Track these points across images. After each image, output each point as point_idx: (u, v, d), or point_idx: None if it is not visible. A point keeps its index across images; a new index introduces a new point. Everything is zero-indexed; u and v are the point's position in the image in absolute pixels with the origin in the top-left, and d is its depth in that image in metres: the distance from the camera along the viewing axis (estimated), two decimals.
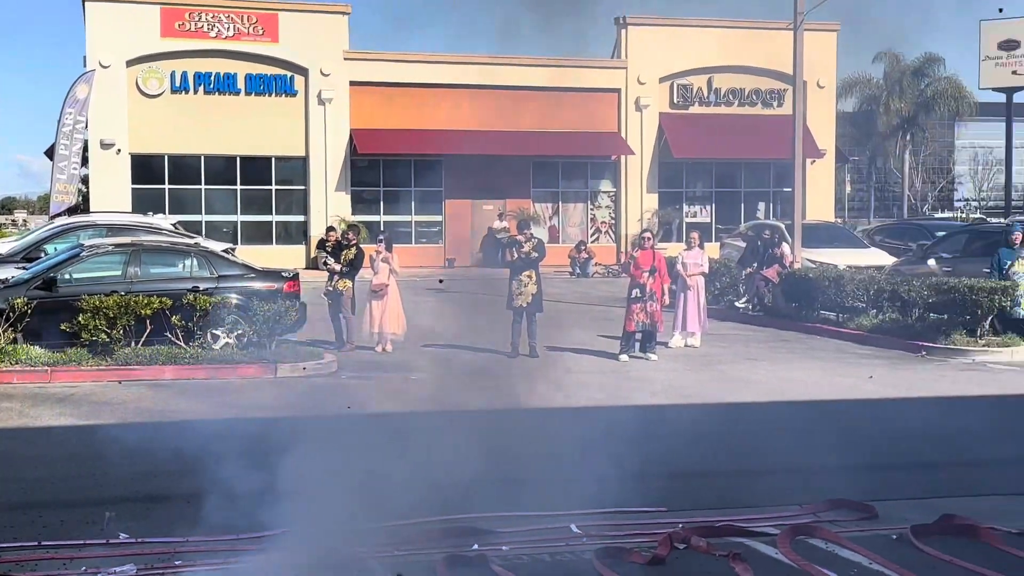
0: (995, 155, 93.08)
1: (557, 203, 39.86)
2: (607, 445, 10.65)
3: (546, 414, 12.38)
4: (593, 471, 9.48)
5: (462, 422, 11.81)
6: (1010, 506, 8.65)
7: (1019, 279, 17.97)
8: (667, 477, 9.35)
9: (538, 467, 9.59)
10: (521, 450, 10.36)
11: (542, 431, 11.50)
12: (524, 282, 16.33)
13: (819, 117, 39.19)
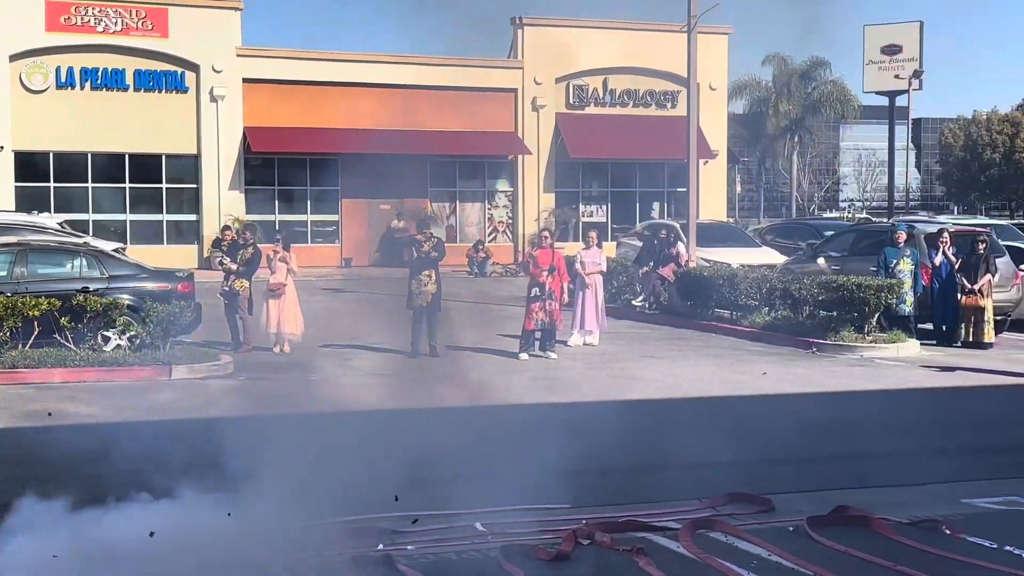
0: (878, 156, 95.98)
1: (455, 202, 39.86)
2: (510, 443, 10.68)
3: (448, 413, 12.37)
4: (496, 469, 9.51)
5: (363, 422, 11.75)
6: (900, 496, 8.93)
7: (904, 277, 18.55)
8: (569, 474, 9.40)
9: (441, 466, 9.58)
10: (424, 449, 10.34)
11: (444, 430, 11.49)
12: (424, 281, 16.29)
13: (711, 119, 39.89)
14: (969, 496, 8.89)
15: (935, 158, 74.21)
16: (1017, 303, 20.04)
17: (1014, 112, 51.76)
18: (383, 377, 14.69)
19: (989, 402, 13.70)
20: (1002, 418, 12.69)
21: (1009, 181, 50.61)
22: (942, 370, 15.90)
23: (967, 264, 18.50)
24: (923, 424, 12.15)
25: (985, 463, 10.18)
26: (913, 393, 14.20)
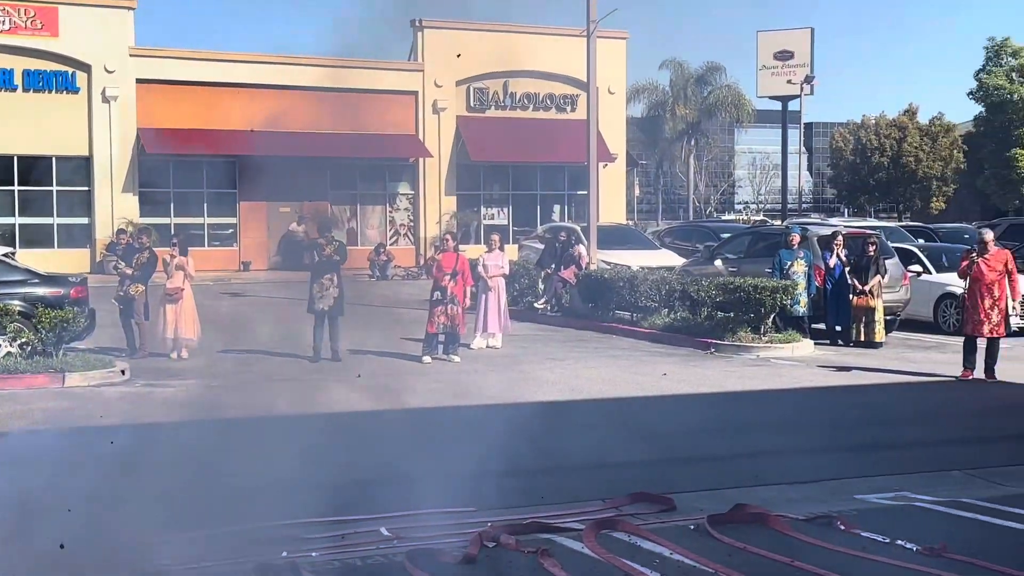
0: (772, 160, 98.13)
1: (355, 205, 39.61)
2: (414, 447, 10.69)
3: (350, 417, 12.32)
4: (401, 473, 9.50)
5: (264, 428, 11.64)
6: (796, 493, 9.15)
7: (798, 279, 18.99)
8: (474, 477, 9.43)
9: (345, 471, 9.54)
10: (327, 454, 10.27)
11: (347, 434, 11.44)
12: (326, 285, 16.18)
13: (610, 122, 40.33)
14: (862, 492, 9.15)
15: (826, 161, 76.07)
16: (906, 303, 20.67)
17: (901, 117, 53.29)
18: (284, 382, 14.54)
19: (879, 400, 14.10)
20: (892, 415, 13.08)
21: (897, 184, 52.08)
22: (835, 369, 16.31)
23: (858, 266, 19.02)
24: (817, 422, 12.46)
25: (876, 459, 10.48)
26: (807, 392, 14.55)
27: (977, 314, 15.23)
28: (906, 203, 53.39)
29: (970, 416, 13.07)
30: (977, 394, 14.51)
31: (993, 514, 8.34)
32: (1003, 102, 46.24)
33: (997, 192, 47.20)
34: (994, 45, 47.39)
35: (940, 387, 15.02)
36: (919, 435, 11.75)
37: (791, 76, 49.40)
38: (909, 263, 21.45)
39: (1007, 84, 46.18)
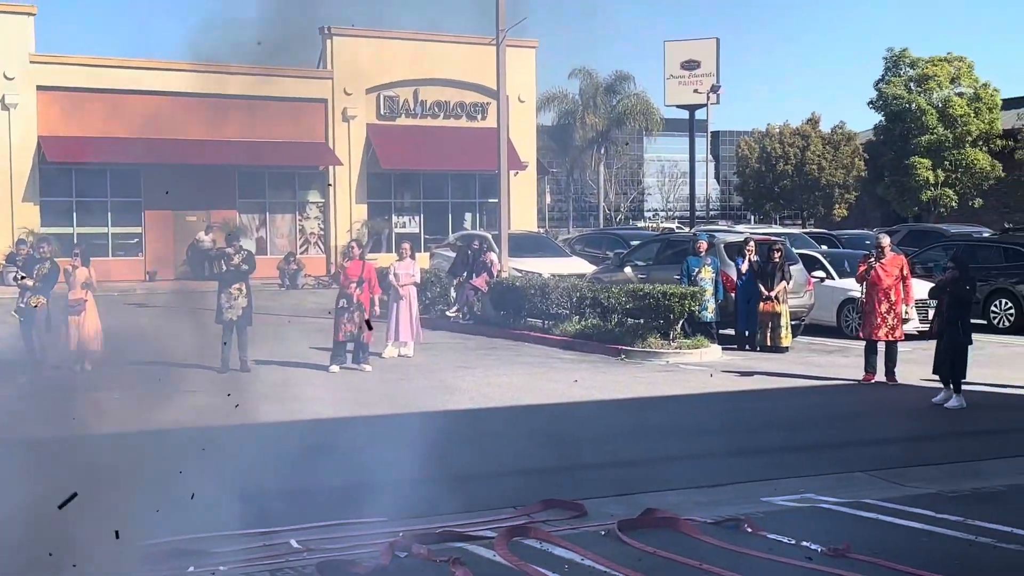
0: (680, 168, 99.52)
1: (264, 214, 39.17)
2: (324, 458, 10.61)
3: (260, 429, 12.16)
4: (310, 484, 9.43)
5: (173, 440, 11.42)
6: (704, 497, 9.29)
7: (706, 285, 19.28)
8: (385, 486, 9.39)
9: (255, 482, 9.42)
10: (237, 466, 10.13)
11: (256, 446, 11.29)
12: (234, 295, 15.98)
13: (521, 131, 40.52)
14: (768, 495, 9.33)
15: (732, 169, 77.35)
16: (810, 308, 21.09)
17: (804, 126, 54.40)
18: (192, 394, 14.29)
19: (785, 404, 14.37)
20: (797, 419, 13.34)
21: (801, 191, 53.11)
22: (742, 374, 16.58)
23: (763, 272, 19.36)
24: (724, 426, 12.65)
25: (782, 462, 10.68)
26: (715, 397, 14.77)
27: (875, 318, 15.62)
28: (809, 210, 54.46)
29: (872, 418, 13.39)
30: (878, 397, 14.88)
31: (894, 514, 8.55)
32: (902, 111, 47.43)
33: (897, 199, 48.38)
34: (893, 56, 48.61)
35: (843, 390, 15.36)
36: (823, 438, 12.00)
37: (698, 85, 50.15)
38: (813, 269, 21.89)
39: (905, 94, 47.38)
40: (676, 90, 51.15)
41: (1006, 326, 22.33)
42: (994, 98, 47.63)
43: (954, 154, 46.66)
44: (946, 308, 14.06)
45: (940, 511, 8.57)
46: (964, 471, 10.27)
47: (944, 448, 11.40)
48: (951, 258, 15.19)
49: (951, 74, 47.55)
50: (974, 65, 48.16)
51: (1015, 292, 22.43)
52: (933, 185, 46.91)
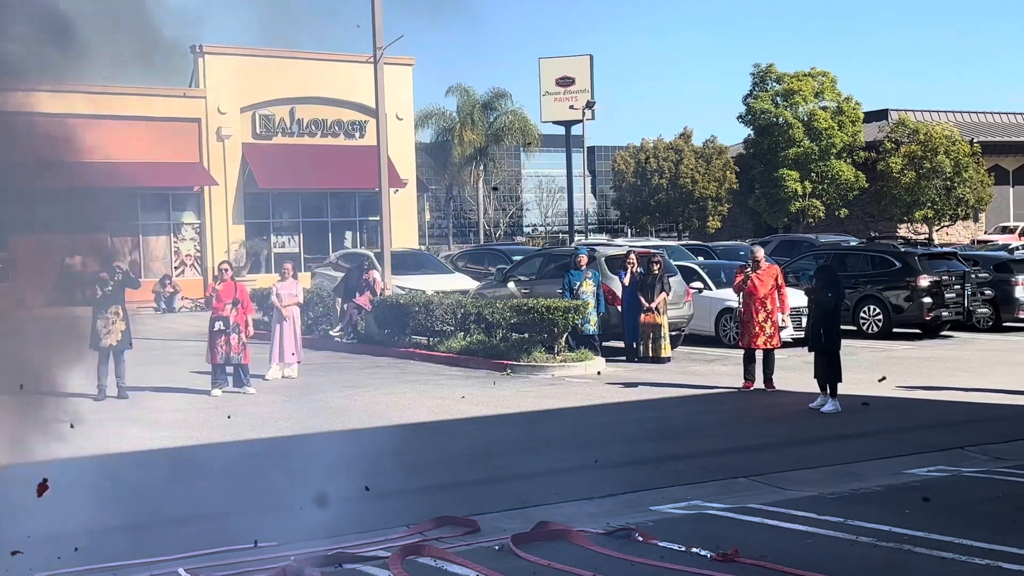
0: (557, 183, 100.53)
1: (138, 236, 38.24)
2: (211, 483, 10.43)
3: (141, 456, 11.90)
4: (198, 511, 9.27)
5: (48, 472, 11.08)
6: (595, 508, 9.41)
7: (587, 298, 19.52)
8: (274, 509, 9.29)
9: (141, 511, 9.22)
10: (120, 495, 9.91)
11: (139, 474, 11.06)
12: (111, 320, 15.58)
13: (399, 148, 40.43)
14: (656, 503, 9.50)
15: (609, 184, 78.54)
16: (689, 318, 21.54)
17: (677, 140, 55.56)
18: (67, 424, 13.87)
19: (669, 413, 14.64)
20: (681, 428, 13.60)
21: (676, 204, 54.21)
22: (626, 385, 16.84)
23: (643, 284, 19.71)
24: (611, 438, 12.83)
25: (668, 471, 10.88)
26: (601, 408, 14.96)
27: (753, 327, 16.05)
28: (685, 222, 55.60)
29: (752, 425, 13.74)
30: (758, 403, 15.28)
31: (778, 517, 8.80)
32: (769, 125, 48.81)
33: (767, 210, 49.74)
34: (760, 71, 50.01)
35: (724, 398, 15.72)
36: (706, 446, 12.27)
37: (573, 102, 50.81)
38: (691, 280, 22.37)
39: (772, 108, 48.78)
40: (552, 106, 51.75)
41: (875, 331, 23.16)
42: (856, 111, 49.43)
43: (820, 166, 48.22)
44: (812, 316, 14.58)
45: (821, 513, 8.85)
46: (842, 473, 10.62)
47: (822, 451, 11.76)
48: (817, 267, 15.74)
49: (815, 88, 49.15)
50: (837, 80, 49.90)
51: (882, 298, 23.29)
52: (801, 196, 48.38)
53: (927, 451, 11.56)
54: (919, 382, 16.78)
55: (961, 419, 13.67)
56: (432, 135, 61.06)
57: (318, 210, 41.55)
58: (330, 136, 40.83)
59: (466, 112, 58.38)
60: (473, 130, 58.21)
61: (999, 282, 24.41)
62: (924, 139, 46.93)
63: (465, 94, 58.60)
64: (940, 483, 10.05)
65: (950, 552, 7.66)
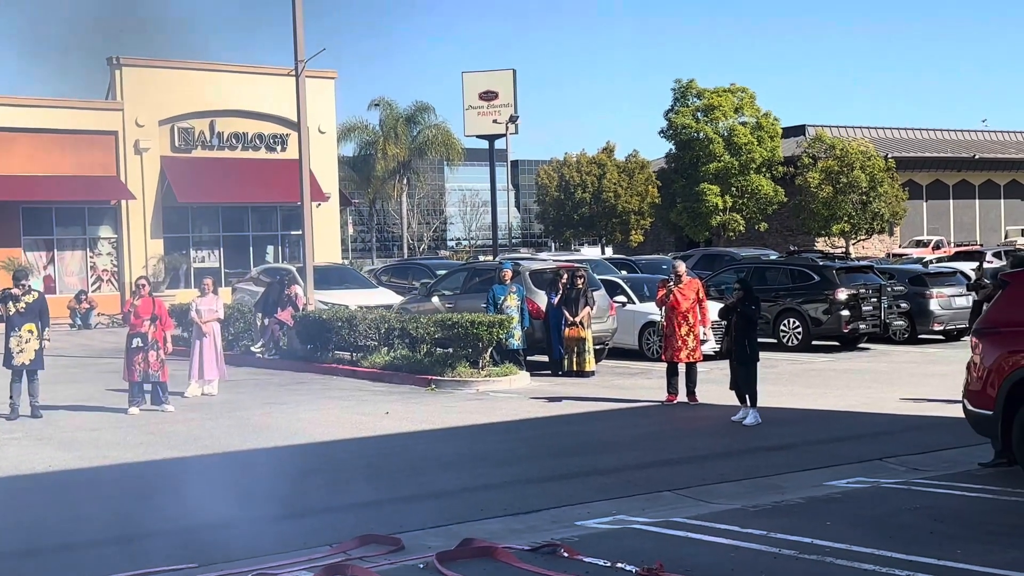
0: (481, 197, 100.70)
1: (52, 251, 37.42)
2: (125, 504, 10.19)
3: (55, 477, 11.58)
4: (113, 532, 9.04)
5: None
6: (521, 524, 9.36)
7: (512, 312, 19.51)
8: (190, 530, 9.09)
9: (52, 534, 8.97)
10: (34, 518, 9.65)
11: (52, 495, 10.78)
12: (25, 338, 15.20)
13: (322, 162, 40.15)
14: (582, 518, 9.47)
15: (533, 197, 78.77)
16: (613, 332, 21.64)
17: (600, 154, 55.96)
18: None
19: (594, 427, 14.66)
20: (605, 441, 13.63)
21: (599, 218, 54.56)
22: (551, 400, 16.84)
23: (568, 298, 19.75)
24: (537, 452, 12.80)
25: (593, 485, 10.87)
26: (526, 423, 14.93)
27: (675, 341, 16.17)
28: (608, 236, 56.01)
29: (676, 438, 13.81)
30: (681, 416, 15.38)
31: (702, 531, 8.83)
32: (690, 140, 49.43)
33: (689, 224, 50.31)
34: (681, 87, 50.64)
35: (648, 412, 15.80)
36: (632, 459, 12.30)
37: (496, 116, 50.89)
38: (614, 294, 22.49)
39: (693, 123, 49.40)
40: (475, 120, 51.77)
41: (795, 344, 23.50)
42: (775, 127, 50.29)
43: (740, 180, 48.95)
44: (734, 328, 14.73)
45: (745, 526, 8.90)
46: (765, 486, 10.70)
47: (745, 464, 11.86)
48: (737, 280, 15.92)
49: (735, 104, 49.92)
50: (756, 96, 50.74)
51: (801, 311, 23.65)
52: (722, 210, 49.05)
53: (847, 463, 11.71)
54: (837, 393, 17.03)
55: (879, 430, 13.89)
56: (355, 149, 60.84)
57: (239, 224, 41.05)
58: (251, 150, 40.39)
59: (389, 126, 58.25)
60: (396, 144, 58.09)
61: (914, 295, 24.94)
62: (840, 154, 47.91)
63: (388, 108, 58.49)
64: (860, 495, 10.18)
65: (871, 564, 7.75)
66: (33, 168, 35.58)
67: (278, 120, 39.85)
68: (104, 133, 37.61)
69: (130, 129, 37.84)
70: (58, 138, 36.36)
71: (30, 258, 36.39)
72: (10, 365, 15.28)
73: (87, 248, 38.17)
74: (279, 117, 39.44)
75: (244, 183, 39.36)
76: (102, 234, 38.46)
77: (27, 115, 35.60)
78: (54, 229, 37.51)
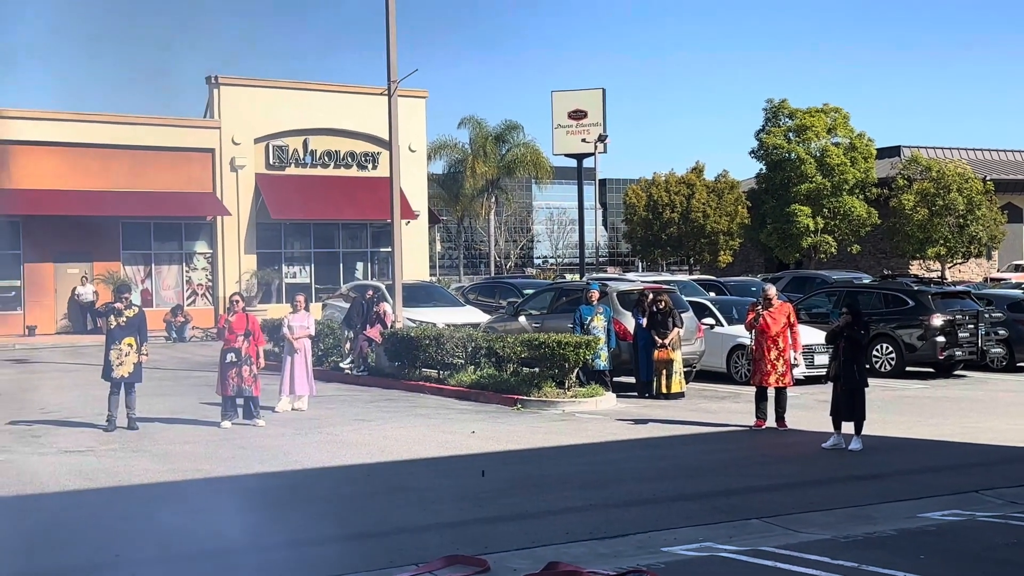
0: (568, 215, 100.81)
1: (150, 265, 38.36)
2: (216, 518, 10.36)
3: (150, 490, 11.84)
4: (203, 546, 9.20)
5: (55, 505, 11.06)
6: (606, 548, 9.31)
7: (598, 333, 19.46)
8: (279, 547, 9.22)
9: (149, 547, 9.17)
10: (124, 531, 9.86)
11: (150, 508, 11.00)
12: (125, 351, 15.58)
13: (412, 180, 40.56)
14: (668, 544, 9.39)
15: (620, 217, 78.57)
16: (701, 355, 21.46)
17: (689, 174, 55.60)
18: (77, 454, 13.86)
19: (681, 451, 14.54)
20: (693, 466, 13.49)
21: (687, 239, 54.18)
22: (637, 422, 16.74)
23: (655, 319, 19.64)
24: (623, 476, 12.73)
25: (680, 511, 10.78)
26: (612, 445, 14.86)
27: (765, 365, 15.97)
28: (696, 256, 55.55)
29: (765, 464, 13.63)
30: (771, 442, 15.17)
31: (791, 561, 8.70)
32: (781, 160, 48.83)
33: (779, 246, 49.64)
34: (772, 107, 50.10)
35: (736, 436, 15.62)
36: (719, 485, 12.17)
37: (585, 135, 50.86)
38: (702, 316, 22.30)
39: (785, 144, 48.81)
40: (564, 139, 51.76)
41: (888, 370, 23.03)
42: (869, 148, 49.41)
43: (832, 202, 48.16)
44: (842, 352, 14.46)
45: (835, 557, 8.75)
46: (856, 516, 10.50)
47: (836, 493, 11.66)
48: (845, 304, 15.63)
49: (828, 124, 49.19)
50: (850, 116, 49.94)
51: (895, 337, 23.18)
52: (813, 232, 48.29)
53: (941, 494, 11.44)
54: (932, 422, 16.65)
55: (975, 461, 13.55)
56: (444, 167, 61.29)
57: (329, 241, 41.65)
58: (343, 167, 40.98)
59: (478, 144, 58.56)
60: (485, 162, 58.36)
61: (1013, 321, 24.30)
62: (937, 176, 46.88)
63: (478, 126, 58.82)
64: (955, 528, 9.94)
65: None
66: (133, 184, 36.54)
67: (370, 138, 40.39)
68: (202, 150, 38.49)
69: (226, 147, 38.67)
70: (157, 155, 37.32)
71: (128, 272, 37.34)
72: (109, 377, 15.66)
73: (183, 263, 39.04)
74: (371, 135, 39.98)
75: (335, 200, 39.93)
76: (198, 249, 39.31)
77: (128, 132, 36.60)
78: (152, 244, 38.45)
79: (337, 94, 40.50)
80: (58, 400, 19.17)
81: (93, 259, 36.53)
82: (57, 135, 35.51)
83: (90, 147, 35.94)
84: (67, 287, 36.14)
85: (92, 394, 18.63)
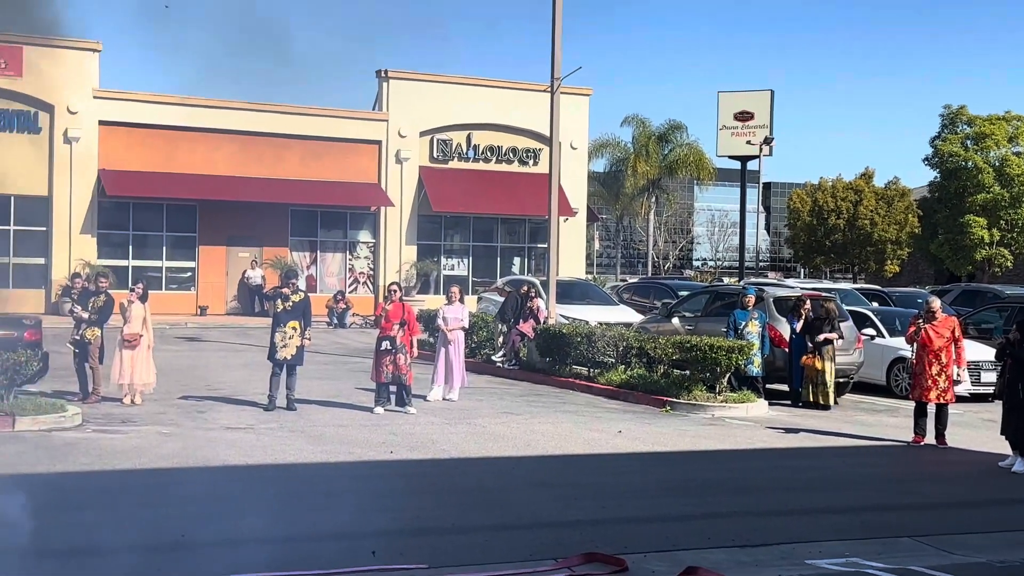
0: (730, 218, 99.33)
1: (315, 252, 39.56)
2: (363, 500, 10.64)
3: (303, 469, 12.25)
4: (349, 528, 9.45)
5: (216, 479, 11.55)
6: (748, 557, 9.18)
7: (752, 339, 19.13)
8: (423, 533, 9.41)
9: (295, 525, 9.47)
10: (285, 506, 10.20)
11: (301, 487, 11.37)
12: (289, 334, 16.13)
13: (572, 177, 40.68)
14: (812, 556, 9.19)
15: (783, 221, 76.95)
16: (859, 366, 20.88)
17: (857, 180, 54.11)
18: (238, 431, 14.44)
19: (832, 463, 14.20)
20: (843, 479, 13.17)
21: (852, 246, 52.75)
22: (788, 431, 16.42)
23: (811, 328, 19.21)
24: (769, 484, 12.53)
25: (827, 523, 10.54)
26: (761, 453, 14.63)
27: (925, 380, 15.43)
28: (861, 265, 54.06)
29: (920, 482, 13.20)
30: (928, 460, 14.67)
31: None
32: (957, 169, 47.10)
33: (950, 257, 47.90)
34: (950, 113, 48.37)
35: (891, 451, 15.16)
36: (869, 500, 11.84)
37: (751, 137, 50.07)
38: (863, 326, 21.70)
39: (962, 152, 47.07)
40: (728, 140, 51.11)
41: None
42: None
43: (1010, 213, 46.19)
44: (1008, 370, 13.86)
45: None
46: (1014, 541, 10.06)
47: (994, 515, 11.21)
48: (1016, 320, 14.94)
49: (1008, 133, 47.17)
50: None
51: None
52: (988, 244, 46.39)
53: None
54: None
55: None
56: (605, 165, 61.18)
57: (488, 235, 42.14)
58: (504, 163, 41.39)
59: (641, 143, 58.27)
60: (647, 161, 58.03)
61: None
62: None
63: (641, 125, 58.52)
64: None
65: None
66: (303, 173, 37.74)
67: (532, 135, 40.67)
68: (369, 142, 39.45)
69: (393, 139, 39.54)
70: (328, 145, 38.43)
71: (295, 257, 38.59)
72: (273, 359, 16.24)
73: (347, 251, 40.12)
74: (533, 132, 40.25)
75: (496, 195, 40.36)
76: (361, 238, 40.33)
77: (301, 123, 37.82)
78: (318, 231, 39.64)
79: (502, 90, 40.92)
80: (223, 378, 19.98)
81: (263, 244, 37.90)
82: (234, 124, 36.96)
83: (264, 136, 37.28)
84: (238, 270, 37.59)
85: (256, 374, 19.36)
